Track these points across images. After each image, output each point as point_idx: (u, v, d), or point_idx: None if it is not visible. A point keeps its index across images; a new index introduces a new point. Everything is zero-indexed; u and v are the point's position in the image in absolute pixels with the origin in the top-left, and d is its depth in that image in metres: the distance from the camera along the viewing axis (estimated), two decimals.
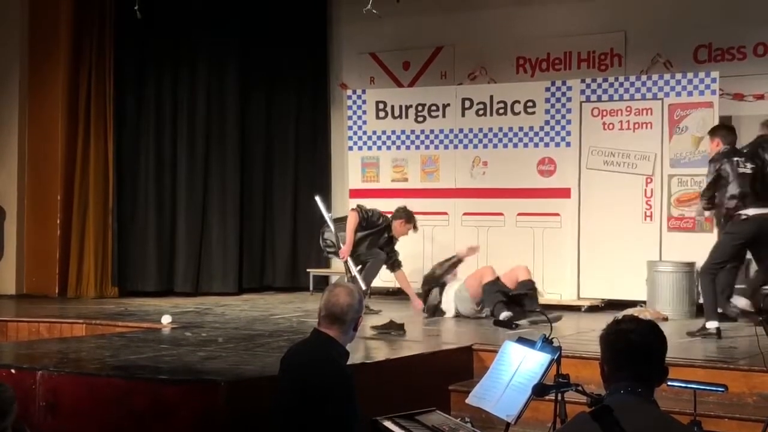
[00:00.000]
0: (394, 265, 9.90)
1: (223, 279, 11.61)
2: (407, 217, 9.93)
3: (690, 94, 9.68)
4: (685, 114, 9.70)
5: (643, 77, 10.05)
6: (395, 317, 8.17)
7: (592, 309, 9.76)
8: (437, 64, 11.76)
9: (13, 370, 5.63)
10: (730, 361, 6.45)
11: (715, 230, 9.58)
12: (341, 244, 9.57)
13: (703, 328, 7.71)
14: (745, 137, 10.23)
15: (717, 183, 7.77)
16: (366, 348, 6.94)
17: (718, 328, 7.64)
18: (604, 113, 10.07)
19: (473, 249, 9.70)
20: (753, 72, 10.16)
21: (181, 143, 11.53)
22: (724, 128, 8.23)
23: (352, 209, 9.89)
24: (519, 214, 10.36)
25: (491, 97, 10.67)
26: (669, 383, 4.72)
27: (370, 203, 11.10)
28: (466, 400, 4.74)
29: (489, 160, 10.64)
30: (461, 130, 10.79)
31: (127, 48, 11.25)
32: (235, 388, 5.22)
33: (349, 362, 4.36)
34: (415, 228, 10.02)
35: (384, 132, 11.19)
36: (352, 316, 4.22)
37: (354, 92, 11.47)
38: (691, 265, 9.37)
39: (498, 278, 9.01)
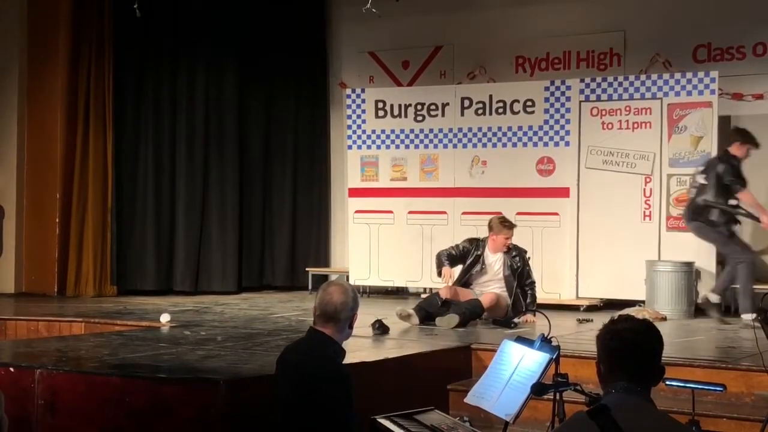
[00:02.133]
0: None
1: (222, 278, 11.61)
2: (742, 137, 8.83)
3: (689, 93, 9.69)
4: (684, 113, 9.71)
5: (642, 77, 10.06)
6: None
7: (591, 309, 9.76)
8: (436, 64, 11.77)
9: (12, 369, 5.63)
10: (728, 361, 6.45)
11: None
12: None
13: None
14: None
15: None
16: (364, 347, 6.94)
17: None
18: (603, 113, 10.08)
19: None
20: (752, 72, 10.17)
21: (180, 141, 11.53)
22: None
23: (740, 189, 8.68)
24: (518, 214, 10.34)
25: (490, 97, 10.68)
26: (667, 382, 4.72)
27: (368, 203, 11.15)
28: (465, 399, 4.74)
29: (488, 159, 10.64)
30: (460, 130, 10.79)
31: (126, 48, 11.25)
32: (234, 387, 5.21)
33: (347, 361, 4.36)
34: (756, 145, 8.84)
35: (383, 131, 11.19)
36: (347, 315, 4.21)
37: (353, 91, 11.46)
38: (690, 264, 9.38)
39: None
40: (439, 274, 8.73)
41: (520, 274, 8.54)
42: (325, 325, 4.20)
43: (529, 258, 8.74)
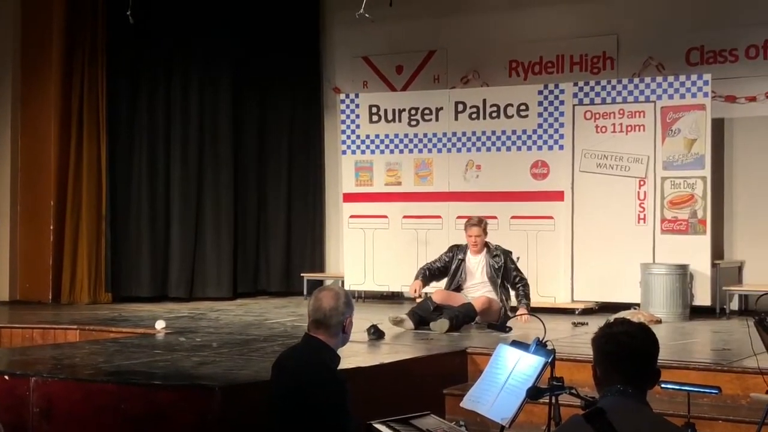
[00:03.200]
0: None
1: (217, 284, 11.59)
2: None
3: (682, 96, 9.72)
4: (677, 116, 9.73)
5: (636, 80, 10.08)
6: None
7: (586, 312, 9.76)
8: (430, 68, 11.78)
9: (6, 377, 5.61)
10: (723, 363, 6.46)
11: (709, 232, 9.63)
12: None
13: None
14: (738, 139, 10.31)
15: None
16: (360, 352, 6.94)
17: None
18: (597, 116, 10.09)
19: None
20: (745, 74, 10.19)
21: (174, 148, 11.51)
22: None
23: None
24: (512, 217, 10.38)
25: (484, 101, 10.69)
26: (663, 385, 4.72)
27: (363, 207, 11.15)
28: (461, 404, 4.74)
29: (482, 163, 10.65)
30: (454, 134, 10.80)
31: (119, 53, 11.23)
32: (230, 393, 5.21)
33: (344, 366, 4.35)
34: None
35: (377, 136, 11.20)
36: (337, 319, 4.20)
37: (347, 96, 11.47)
38: (685, 267, 9.39)
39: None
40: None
41: (504, 274, 8.54)
42: (318, 330, 4.20)
43: (517, 258, 8.72)
